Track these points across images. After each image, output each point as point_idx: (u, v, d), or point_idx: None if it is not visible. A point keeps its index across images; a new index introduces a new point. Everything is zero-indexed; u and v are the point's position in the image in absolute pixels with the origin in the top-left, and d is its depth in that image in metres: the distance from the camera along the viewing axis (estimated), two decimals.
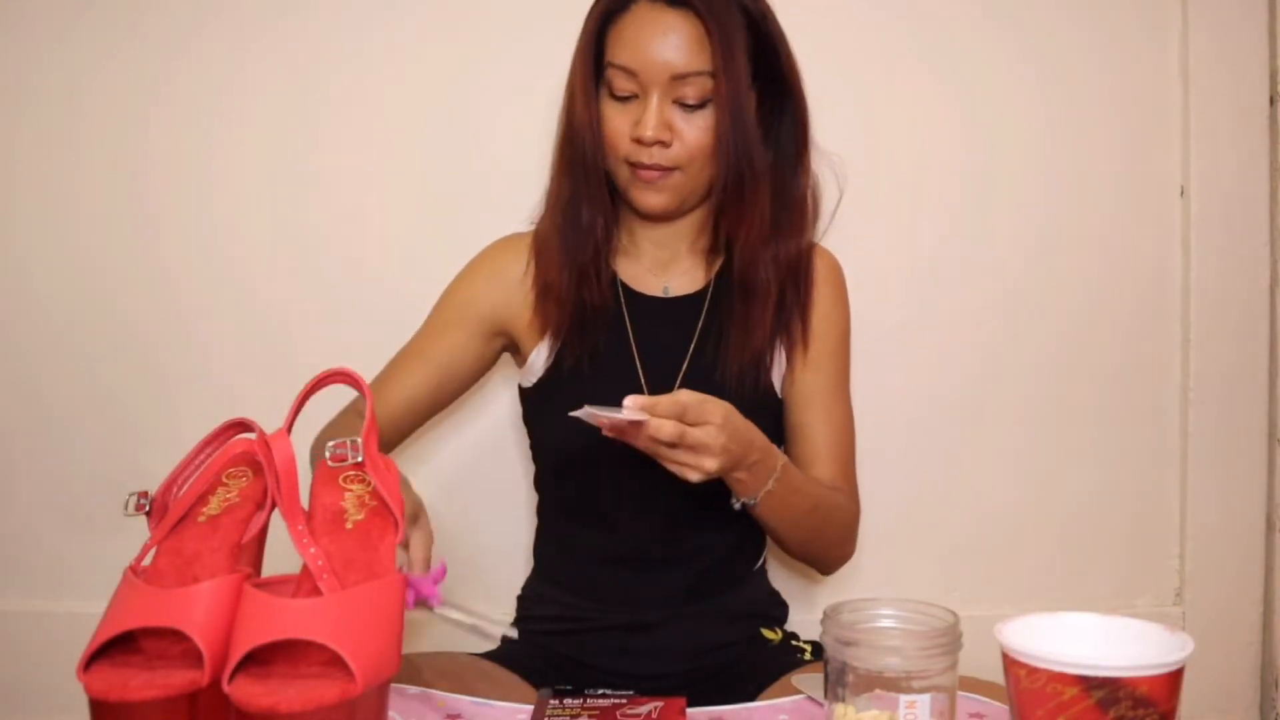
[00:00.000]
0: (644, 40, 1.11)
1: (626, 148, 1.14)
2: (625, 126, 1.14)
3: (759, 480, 1.06)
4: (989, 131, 1.56)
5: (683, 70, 1.11)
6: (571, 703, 0.86)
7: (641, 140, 1.12)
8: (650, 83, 1.12)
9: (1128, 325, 1.59)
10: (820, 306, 1.23)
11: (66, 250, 1.55)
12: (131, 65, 1.53)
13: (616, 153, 1.16)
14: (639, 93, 1.13)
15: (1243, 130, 1.57)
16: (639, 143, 1.13)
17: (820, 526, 1.17)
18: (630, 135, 1.14)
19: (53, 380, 1.56)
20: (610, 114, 1.16)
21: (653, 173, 1.14)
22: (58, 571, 1.56)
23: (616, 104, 1.15)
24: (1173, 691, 0.65)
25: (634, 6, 1.14)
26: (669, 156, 1.13)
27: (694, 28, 1.11)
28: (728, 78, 1.11)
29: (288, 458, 0.74)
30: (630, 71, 1.12)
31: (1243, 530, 1.60)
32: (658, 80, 1.11)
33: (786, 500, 1.09)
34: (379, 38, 1.53)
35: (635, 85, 1.13)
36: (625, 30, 1.13)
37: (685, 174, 1.15)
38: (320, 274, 1.54)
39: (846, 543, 1.24)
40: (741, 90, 1.12)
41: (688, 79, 1.11)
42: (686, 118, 1.13)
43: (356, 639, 0.65)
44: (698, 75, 1.11)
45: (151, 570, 0.71)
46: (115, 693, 0.63)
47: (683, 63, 1.11)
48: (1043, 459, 1.60)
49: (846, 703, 0.71)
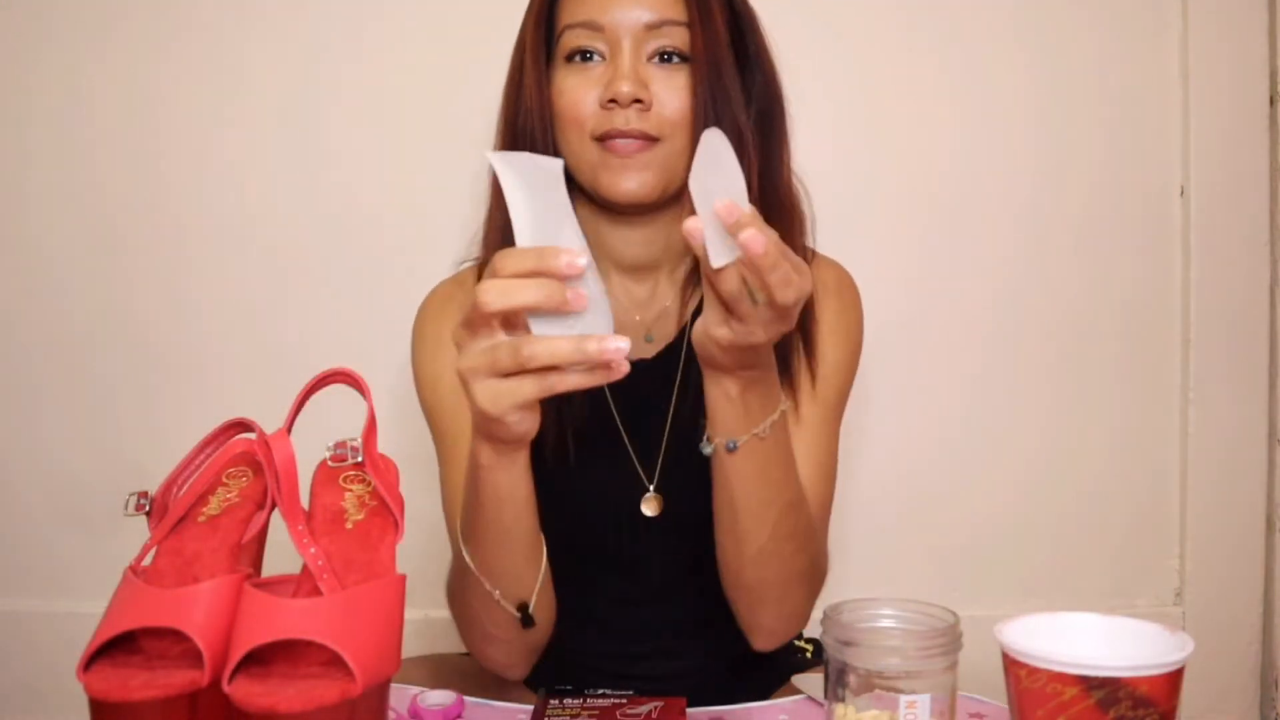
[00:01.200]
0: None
1: (594, 118, 0.98)
2: (590, 94, 0.98)
3: (758, 409, 0.86)
4: (989, 131, 1.56)
5: (656, 18, 0.98)
6: (571, 703, 0.86)
7: (618, 99, 0.96)
8: (619, 34, 0.98)
9: (1128, 325, 1.59)
10: (822, 328, 1.05)
11: (66, 249, 1.55)
12: (133, 68, 1.53)
13: (581, 128, 0.99)
14: (604, 51, 0.99)
15: (1243, 130, 1.57)
16: (613, 105, 0.97)
17: (794, 535, 0.95)
18: (601, 98, 0.98)
19: (52, 380, 1.56)
20: (568, 84, 1.00)
21: (631, 143, 0.97)
22: (58, 571, 1.56)
23: (575, 72, 0.99)
24: (1173, 691, 0.65)
25: None
26: (648, 122, 0.97)
27: None
28: (704, 29, 0.98)
29: (288, 457, 0.74)
30: (594, 26, 0.98)
31: (1243, 530, 1.61)
32: (628, 29, 0.98)
33: (771, 461, 0.89)
34: (381, 37, 1.53)
35: (601, 41, 0.99)
36: None
37: (667, 147, 0.98)
38: (322, 273, 1.54)
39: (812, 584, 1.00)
40: (721, 44, 0.99)
41: (662, 28, 0.98)
42: (664, 77, 0.98)
43: (357, 639, 0.65)
44: (673, 25, 0.98)
45: (151, 570, 0.71)
46: (115, 693, 0.63)
47: (656, 10, 0.98)
48: (1042, 459, 1.60)
49: (846, 703, 0.71)
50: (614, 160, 0.98)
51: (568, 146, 1.00)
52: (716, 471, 0.90)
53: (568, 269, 0.69)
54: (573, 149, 1.00)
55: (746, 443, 0.87)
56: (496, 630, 0.94)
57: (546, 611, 0.96)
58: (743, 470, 0.89)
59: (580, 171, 1.00)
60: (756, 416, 0.86)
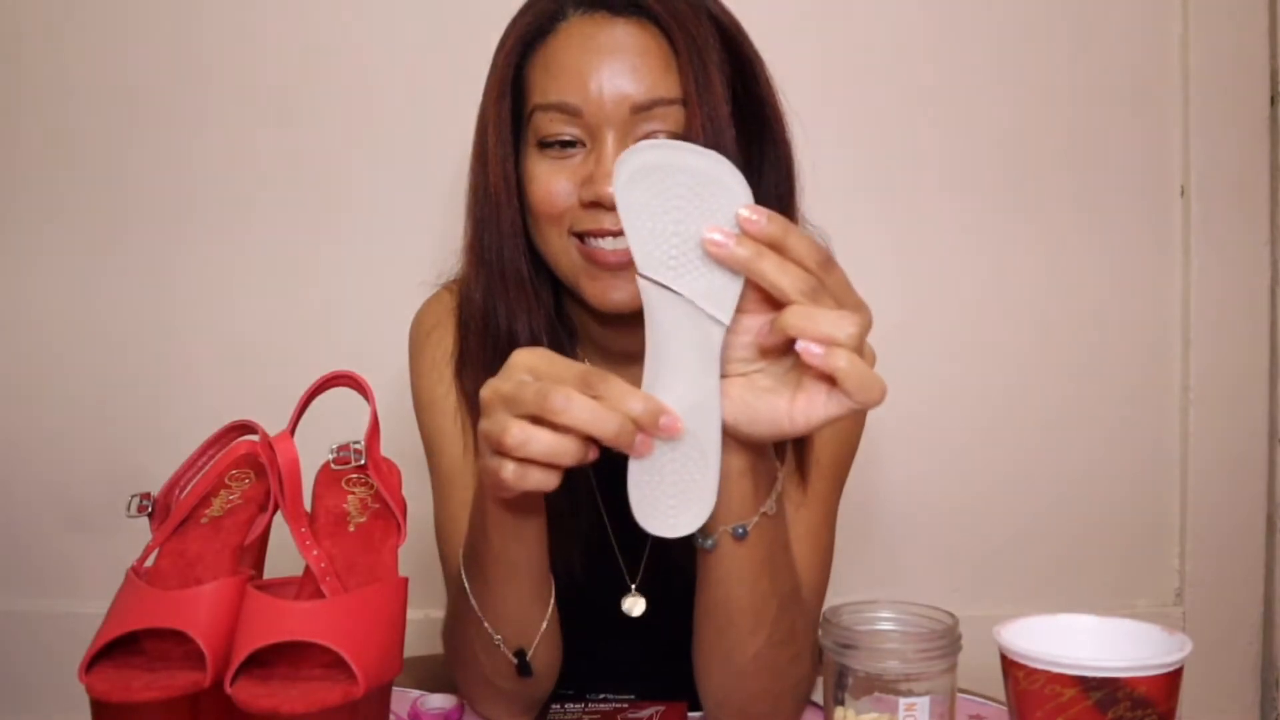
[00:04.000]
0: (587, 63, 0.83)
1: (573, 214, 0.84)
2: (566, 185, 0.84)
3: (765, 481, 0.75)
4: (988, 131, 1.56)
5: (645, 99, 0.82)
6: (573, 707, 0.86)
7: (600, 202, 0.81)
8: (601, 121, 0.83)
9: (1127, 325, 1.59)
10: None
11: (66, 249, 1.55)
12: (131, 65, 1.53)
13: (558, 223, 0.85)
14: (584, 138, 0.84)
15: (1243, 130, 1.57)
16: (595, 207, 0.83)
17: (792, 638, 0.82)
18: (581, 197, 0.83)
19: (53, 380, 1.56)
20: (540, 172, 0.85)
21: (618, 253, 0.83)
22: (58, 571, 1.56)
23: (550, 160, 0.85)
24: (1171, 692, 0.65)
25: (562, 26, 0.86)
26: None
27: (654, 42, 0.84)
28: (703, 105, 0.82)
29: (291, 459, 0.74)
30: (570, 110, 0.83)
31: (1243, 530, 1.61)
32: (612, 116, 0.82)
33: (776, 544, 0.78)
34: (380, 37, 1.53)
35: (578, 128, 0.84)
36: (557, 56, 0.85)
37: None
38: (325, 275, 1.54)
39: (800, 705, 0.87)
40: (723, 122, 0.83)
41: (653, 110, 0.82)
42: None
43: (359, 641, 0.66)
44: (665, 104, 0.83)
45: (154, 571, 0.72)
46: (117, 694, 0.63)
47: (644, 88, 0.82)
48: (1042, 459, 1.60)
49: (846, 705, 0.71)
50: (597, 269, 0.85)
51: (543, 242, 0.88)
52: (711, 570, 0.78)
53: (664, 430, 0.64)
54: (550, 245, 0.87)
55: (755, 525, 0.75)
56: (496, 679, 0.83)
57: (549, 661, 0.84)
58: (748, 559, 0.76)
59: (560, 270, 0.88)
60: (764, 491, 0.75)
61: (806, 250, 0.63)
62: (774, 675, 0.82)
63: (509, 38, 0.88)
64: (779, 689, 0.83)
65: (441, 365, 0.96)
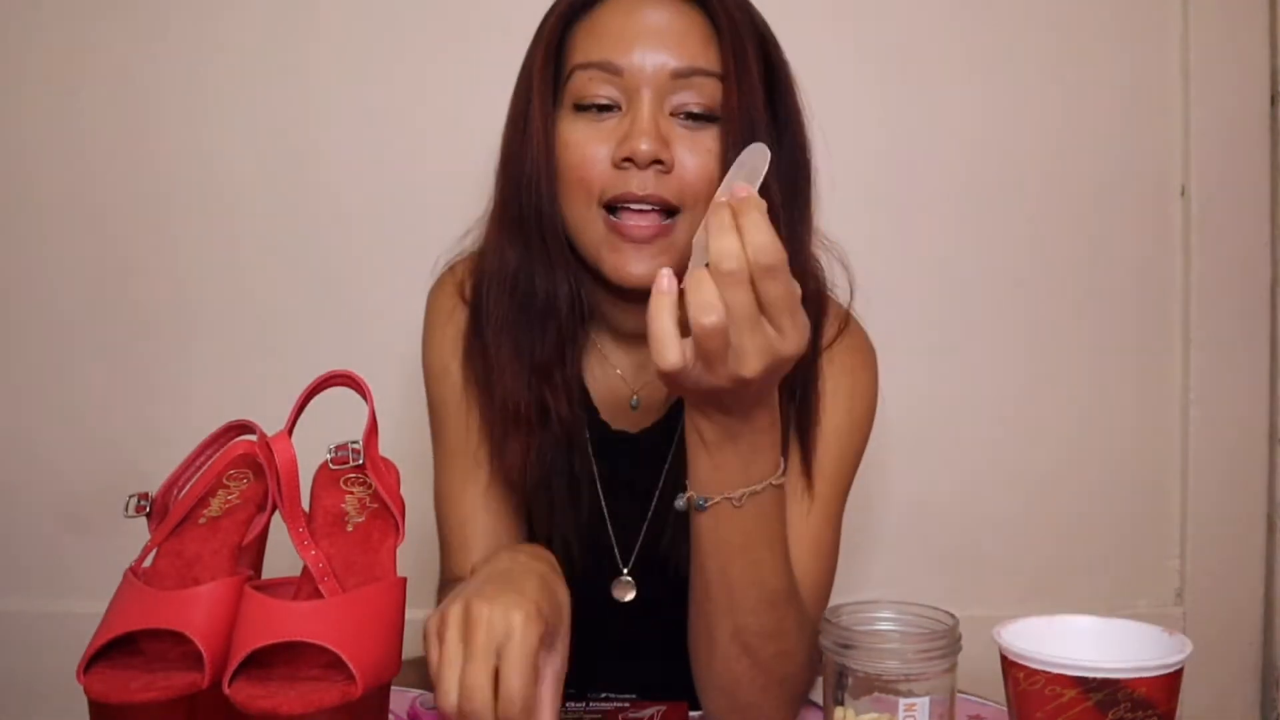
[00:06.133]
0: (631, 27, 0.85)
1: (604, 178, 0.85)
2: (600, 150, 0.85)
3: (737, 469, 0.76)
4: (988, 131, 1.56)
5: (685, 66, 0.85)
6: (574, 706, 0.86)
7: (634, 158, 0.83)
8: (639, 82, 0.85)
9: (1127, 325, 1.59)
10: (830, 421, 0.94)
11: (66, 248, 1.55)
12: (130, 62, 1.53)
13: (588, 191, 0.86)
14: (620, 100, 0.86)
15: (1243, 130, 1.57)
16: (629, 163, 0.84)
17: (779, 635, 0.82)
18: (614, 157, 0.85)
19: (52, 380, 1.56)
20: (575, 136, 0.86)
21: (645, 222, 0.84)
22: (55, 572, 1.56)
23: (585, 121, 0.86)
24: (1172, 693, 0.65)
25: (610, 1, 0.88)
26: (668, 188, 0.84)
27: (697, 19, 0.87)
28: (740, 83, 0.85)
29: (289, 459, 0.74)
30: (611, 69, 0.85)
31: (1243, 530, 1.60)
32: (650, 78, 0.84)
33: (755, 540, 0.78)
34: (382, 37, 1.53)
35: (616, 89, 0.85)
36: (603, 19, 0.88)
37: (685, 222, 0.86)
38: (323, 274, 1.54)
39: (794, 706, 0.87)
40: (757, 102, 0.85)
41: (691, 79, 0.85)
42: (688, 137, 0.85)
43: (357, 641, 0.65)
44: (703, 75, 0.85)
45: (152, 572, 0.72)
46: (115, 694, 0.63)
47: (685, 56, 0.85)
48: (1042, 459, 1.60)
49: (846, 705, 0.71)
50: (623, 243, 0.86)
51: (570, 210, 0.88)
52: (694, 540, 0.81)
53: None
54: (576, 214, 0.88)
55: (721, 508, 0.76)
56: None
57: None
58: (720, 538, 0.78)
59: (582, 241, 0.89)
60: (734, 479, 0.76)
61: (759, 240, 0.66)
62: (755, 663, 0.82)
63: (554, 12, 0.91)
64: (764, 680, 0.83)
65: (456, 339, 0.98)
